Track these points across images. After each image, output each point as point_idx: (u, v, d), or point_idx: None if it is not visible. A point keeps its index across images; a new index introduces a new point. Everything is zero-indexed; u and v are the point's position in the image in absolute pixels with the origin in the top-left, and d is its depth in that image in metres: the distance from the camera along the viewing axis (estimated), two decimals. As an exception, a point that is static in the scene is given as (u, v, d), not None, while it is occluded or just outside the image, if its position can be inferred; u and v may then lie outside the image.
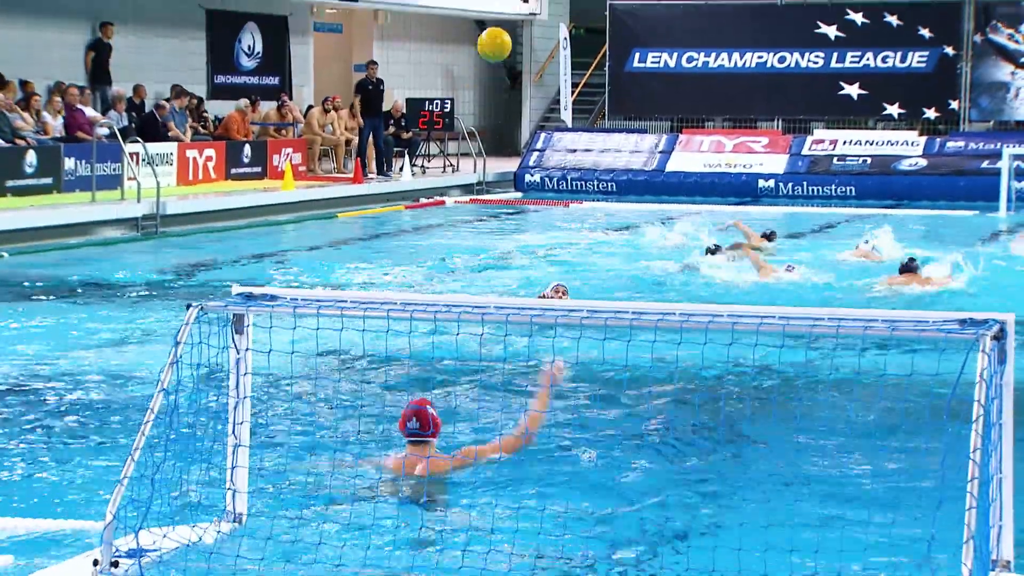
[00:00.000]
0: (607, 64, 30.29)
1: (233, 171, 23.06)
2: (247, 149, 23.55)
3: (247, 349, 5.83)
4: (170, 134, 22.22)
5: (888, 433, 7.79)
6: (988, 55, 27.79)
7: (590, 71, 32.31)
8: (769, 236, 17.50)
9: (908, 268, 13.95)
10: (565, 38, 30.48)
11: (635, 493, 6.80)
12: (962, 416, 4.84)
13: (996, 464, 4.70)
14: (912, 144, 26.42)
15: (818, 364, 9.59)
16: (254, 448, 6.25)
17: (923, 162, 25.95)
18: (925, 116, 28.32)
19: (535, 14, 32.52)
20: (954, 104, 28.01)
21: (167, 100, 22.82)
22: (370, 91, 25.78)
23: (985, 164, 25.01)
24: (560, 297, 11.56)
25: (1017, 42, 27.58)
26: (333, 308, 5.62)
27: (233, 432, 5.88)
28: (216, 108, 25.14)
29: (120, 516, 5.43)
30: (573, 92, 31.00)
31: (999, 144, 24.84)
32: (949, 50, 27.96)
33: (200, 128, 23.82)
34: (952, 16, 27.97)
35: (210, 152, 22.66)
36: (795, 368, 9.58)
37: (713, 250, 15.60)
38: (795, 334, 5.26)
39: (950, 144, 26.22)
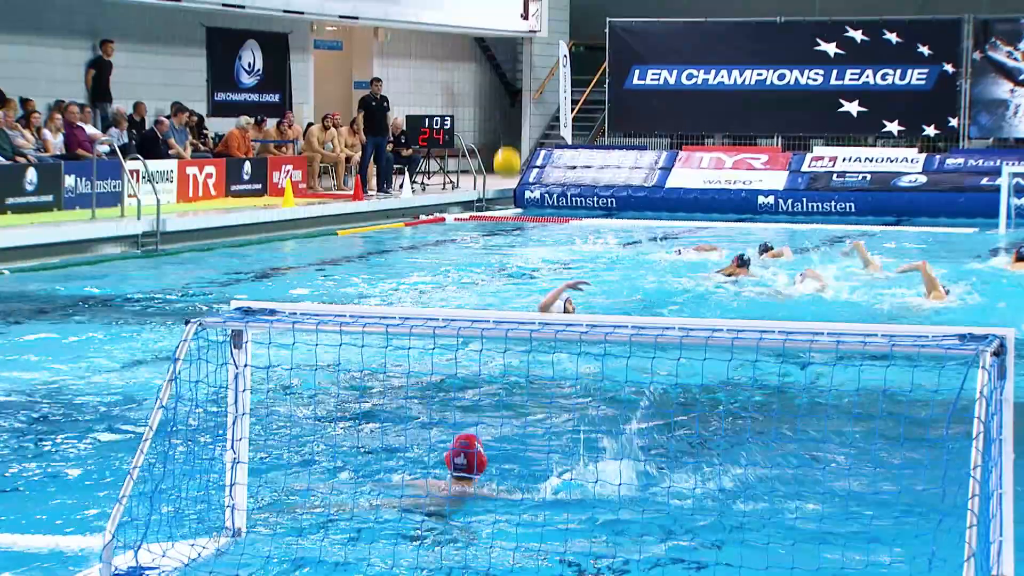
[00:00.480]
0: (607, 81, 30.33)
1: (233, 188, 23.08)
2: (247, 166, 23.57)
3: (245, 365, 5.83)
4: (171, 151, 22.24)
5: (888, 449, 7.78)
6: (987, 72, 27.83)
7: (590, 88, 32.36)
8: (768, 250, 17.50)
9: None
10: (565, 55, 30.53)
11: (635, 510, 6.79)
12: (962, 431, 4.83)
13: (996, 480, 4.69)
14: (912, 161, 26.43)
15: (817, 378, 9.58)
16: (253, 464, 6.24)
17: (923, 179, 25.97)
18: (925, 133, 28.35)
19: (535, 31, 32.58)
20: (953, 121, 28.04)
21: (167, 117, 22.85)
22: (373, 108, 25.80)
23: (985, 181, 25.02)
24: (569, 311, 11.55)
25: (1016, 59, 27.62)
26: (332, 323, 5.61)
27: (232, 448, 5.87)
28: (216, 125, 25.17)
29: (119, 534, 5.42)
30: (573, 109, 31.04)
31: (998, 161, 24.86)
32: (948, 67, 28.00)
33: (200, 145, 23.85)
34: (951, 33, 28.02)
35: (210, 169, 22.68)
36: (794, 383, 9.57)
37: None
38: (796, 349, 5.25)
39: (950, 161, 26.23)
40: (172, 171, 21.69)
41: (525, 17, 32.14)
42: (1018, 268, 16.45)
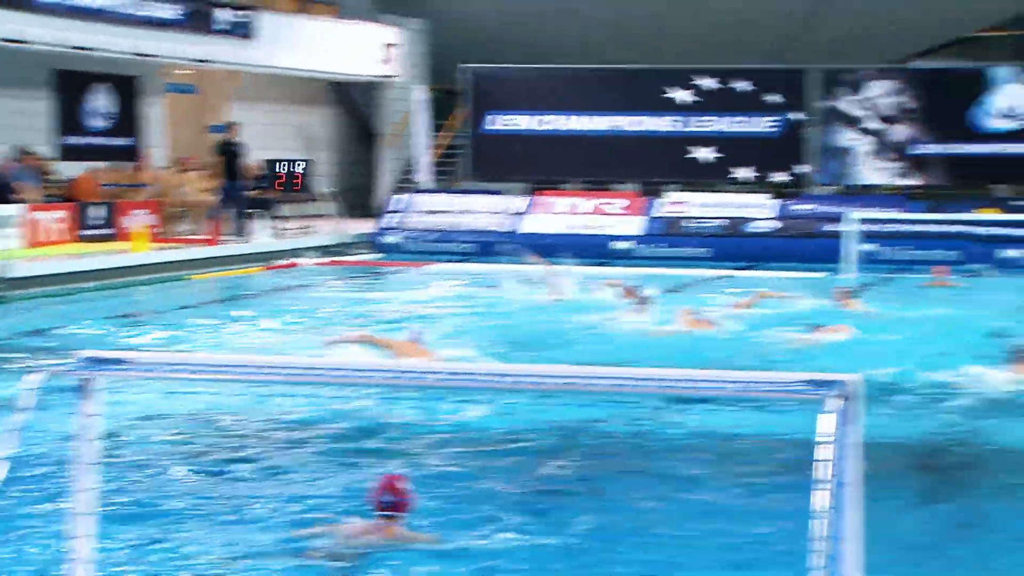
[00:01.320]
0: (466, 126, 30.45)
1: (84, 233, 22.61)
2: (98, 211, 23.12)
3: (93, 415, 5.67)
4: (13, 196, 21.69)
5: (737, 495, 7.87)
6: (832, 121, 28.61)
7: (449, 132, 32.47)
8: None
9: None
10: (421, 100, 30.59)
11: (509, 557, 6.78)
12: (806, 478, 4.90)
13: (842, 526, 4.75)
14: (765, 207, 27.03)
15: (678, 421, 9.67)
16: (106, 518, 6.07)
17: (776, 224, 26.56)
18: (775, 179, 28.99)
19: (393, 76, 32.61)
20: (802, 168, 28.73)
21: (15, 160, 22.32)
22: (230, 152, 25.53)
23: (833, 227, 25.66)
24: None
25: (859, 108, 28.45)
26: (184, 371, 5.49)
27: (77, 502, 5.70)
28: (66, 170, 24.65)
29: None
30: (432, 153, 31.09)
31: (843, 207, 25.55)
32: (796, 115, 28.71)
33: (49, 189, 23.34)
34: (798, 83, 28.75)
35: (60, 214, 22.19)
36: (652, 426, 9.64)
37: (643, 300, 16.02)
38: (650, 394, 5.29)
39: (800, 207, 26.90)
40: (19, 216, 21.16)
41: (387, 62, 32.12)
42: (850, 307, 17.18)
